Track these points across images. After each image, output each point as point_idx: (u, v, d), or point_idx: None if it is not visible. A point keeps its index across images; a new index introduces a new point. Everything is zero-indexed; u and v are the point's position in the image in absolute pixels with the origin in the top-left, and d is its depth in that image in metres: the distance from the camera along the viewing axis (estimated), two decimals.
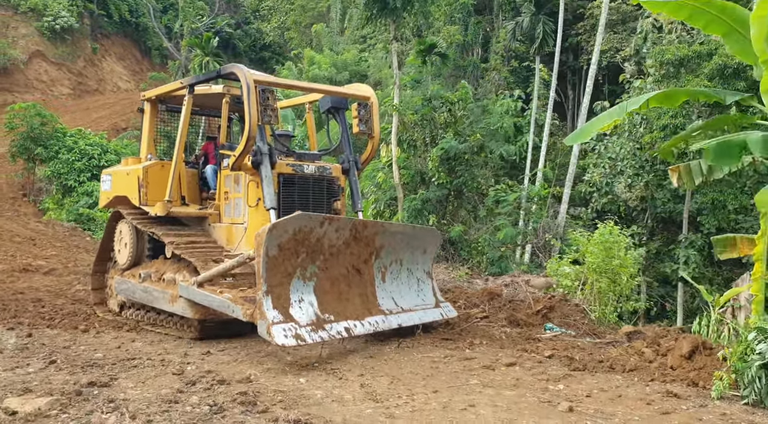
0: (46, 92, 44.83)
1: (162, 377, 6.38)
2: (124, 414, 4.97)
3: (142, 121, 11.12)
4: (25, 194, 27.69)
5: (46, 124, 27.11)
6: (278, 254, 7.15)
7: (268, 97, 8.67)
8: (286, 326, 6.96)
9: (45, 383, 6.03)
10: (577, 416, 5.35)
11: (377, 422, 5.19)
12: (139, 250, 10.39)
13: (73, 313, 10.54)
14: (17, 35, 45.43)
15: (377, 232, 8.52)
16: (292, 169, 9.15)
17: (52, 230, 22.43)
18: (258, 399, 5.56)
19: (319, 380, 6.45)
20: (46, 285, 13.50)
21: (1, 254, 17.23)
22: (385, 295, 8.66)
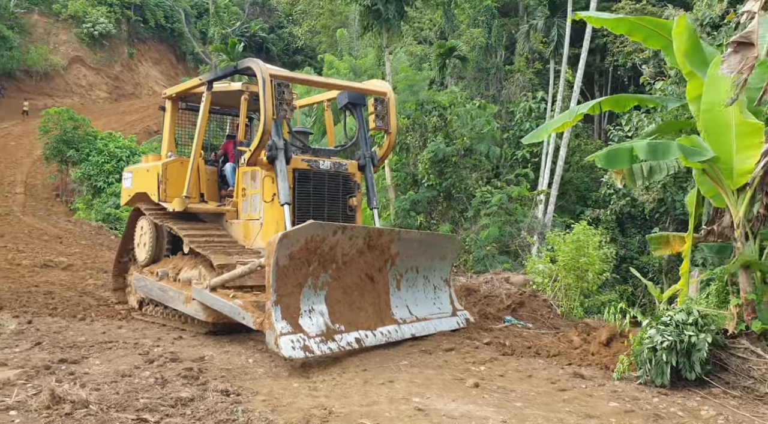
0: (85, 96, 46.71)
1: (128, 356, 7.20)
2: (77, 383, 5.77)
3: (163, 120, 11.33)
4: (58, 195, 29.12)
5: (78, 128, 28.48)
6: (289, 264, 7.08)
7: (284, 91, 8.63)
8: (295, 338, 6.87)
9: (24, 359, 6.88)
10: (479, 391, 6.00)
11: (299, 393, 5.91)
12: (158, 246, 10.53)
13: (77, 304, 11.47)
14: (58, 41, 47.43)
15: (392, 239, 8.40)
16: (308, 165, 9.15)
17: (79, 229, 23.66)
18: (201, 374, 6.33)
19: (266, 360, 7.20)
20: (61, 279, 14.50)
21: (27, 251, 18.40)
22: (399, 303, 8.57)
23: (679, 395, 6.07)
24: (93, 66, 48.02)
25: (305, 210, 8.93)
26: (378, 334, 7.86)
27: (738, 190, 6.64)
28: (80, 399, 5.27)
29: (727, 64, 6.18)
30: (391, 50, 33.98)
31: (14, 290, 12.66)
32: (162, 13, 52.77)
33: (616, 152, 7.29)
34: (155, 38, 53.74)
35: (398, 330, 8.17)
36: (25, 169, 31.86)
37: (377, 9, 19.51)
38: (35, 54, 44.86)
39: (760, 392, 5.99)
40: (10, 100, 42.33)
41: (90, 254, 19.07)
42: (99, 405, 5.20)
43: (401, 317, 8.43)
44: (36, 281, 14.04)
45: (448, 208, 17.81)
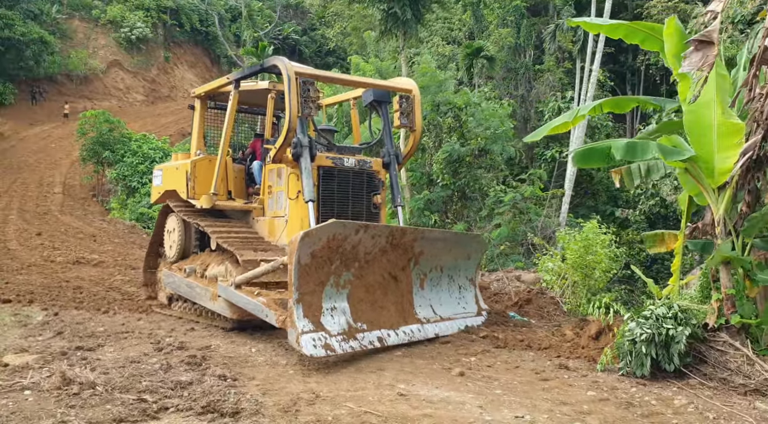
0: (122, 99, 47.97)
1: (140, 345, 7.68)
2: (87, 368, 6.25)
3: (193, 119, 11.52)
4: (94, 195, 30.07)
5: (114, 130, 29.38)
6: (311, 262, 7.09)
7: (309, 89, 8.70)
8: (316, 336, 6.89)
9: (44, 347, 7.40)
10: (463, 379, 6.32)
11: (293, 379, 6.31)
12: (186, 243, 10.70)
13: (102, 298, 12.04)
14: (97, 46, 48.80)
15: (416, 238, 8.36)
16: (332, 162, 9.17)
17: (113, 228, 24.49)
18: (204, 361, 6.76)
19: (269, 350, 7.60)
20: (91, 275, 15.16)
21: (62, 248, 19.20)
22: (422, 303, 8.56)
23: (656, 385, 6.31)
24: (130, 69, 49.29)
25: (330, 207, 9.04)
26: (401, 333, 7.85)
27: (718, 188, 6.84)
28: (88, 381, 5.74)
29: (688, 62, 6.44)
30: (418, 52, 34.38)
31: (46, 285, 13.32)
32: (197, 17, 53.86)
33: (591, 151, 7.53)
34: (190, 42, 54.87)
35: (421, 330, 8.14)
36: (65, 170, 32.94)
37: (394, 12, 19.86)
38: (75, 58, 46.29)
39: (734, 384, 6.19)
40: (51, 104, 43.73)
41: (121, 251, 19.76)
42: (105, 386, 5.66)
43: (425, 316, 8.41)
44: (67, 277, 14.71)
45: (463, 207, 18.10)
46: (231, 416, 5.15)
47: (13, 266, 16.00)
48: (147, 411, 5.17)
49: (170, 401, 5.42)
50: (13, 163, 33.11)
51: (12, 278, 14.12)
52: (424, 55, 28.57)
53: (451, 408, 5.45)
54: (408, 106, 9.94)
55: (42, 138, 37.96)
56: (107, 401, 5.35)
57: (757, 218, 6.83)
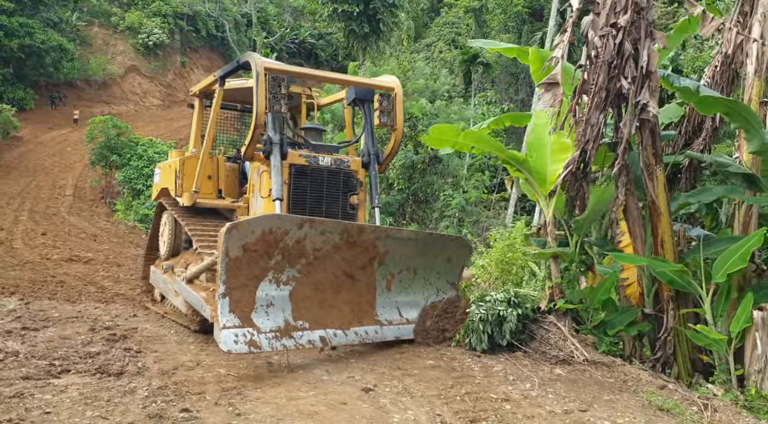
0: (139, 103, 50.02)
1: (79, 327, 9.08)
2: (20, 342, 7.70)
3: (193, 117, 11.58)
4: (103, 197, 31.84)
5: (121, 135, 31.10)
6: (242, 256, 6.97)
7: (280, 85, 8.63)
8: (240, 332, 6.85)
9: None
10: (326, 354, 7.64)
11: (187, 352, 7.68)
12: (176, 240, 10.83)
13: (78, 291, 13.57)
14: (116, 52, 50.93)
15: (378, 237, 8.08)
16: (305, 161, 9.07)
17: (114, 228, 26.17)
18: (122, 339, 8.18)
19: (185, 333, 8.99)
20: (78, 271, 16.74)
21: (62, 247, 20.87)
22: (387, 304, 8.34)
23: (489, 357, 7.57)
24: (147, 74, 51.36)
25: (301, 207, 9.01)
26: (351, 334, 7.75)
27: (548, 195, 8.10)
28: (14, 351, 7.19)
29: (543, 101, 7.72)
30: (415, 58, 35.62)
31: (33, 280, 14.90)
32: (213, 23, 55.79)
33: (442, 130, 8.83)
34: (206, 47, 56.84)
35: (378, 331, 8.01)
36: (77, 173, 34.83)
37: (352, 29, 21.18)
38: (94, 64, 48.49)
39: (549, 355, 7.45)
40: (70, 109, 45.82)
41: (116, 250, 21.35)
42: (26, 355, 7.10)
43: (387, 318, 8.23)
44: (55, 273, 16.29)
45: (417, 210, 19.40)
46: (116, 376, 6.55)
47: (10, 263, 17.65)
48: (51, 372, 6.58)
49: (75, 366, 6.83)
50: (30, 166, 35.09)
51: (5, 274, 15.73)
52: (418, 62, 29.85)
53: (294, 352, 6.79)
54: (389, 104, 9.80)
55: (59, 142, 39.99)
56: (23, 365, 6.77)
57: (580, 221, 8.09)
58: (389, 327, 8.18)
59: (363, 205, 9.68)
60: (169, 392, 6.12)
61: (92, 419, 5.37)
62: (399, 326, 8.28)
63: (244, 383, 6.52)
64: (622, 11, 7.46)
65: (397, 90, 9.93)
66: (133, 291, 13.98)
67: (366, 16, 20.80)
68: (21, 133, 39.26)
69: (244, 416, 5.61)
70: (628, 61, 7.41)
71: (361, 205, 9.60)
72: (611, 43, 7.42)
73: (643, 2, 7.51)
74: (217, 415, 5.61)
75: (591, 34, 7.55)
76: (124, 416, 5.44)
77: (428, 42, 44.41)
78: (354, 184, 9.50)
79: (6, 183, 31.28)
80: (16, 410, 5.43)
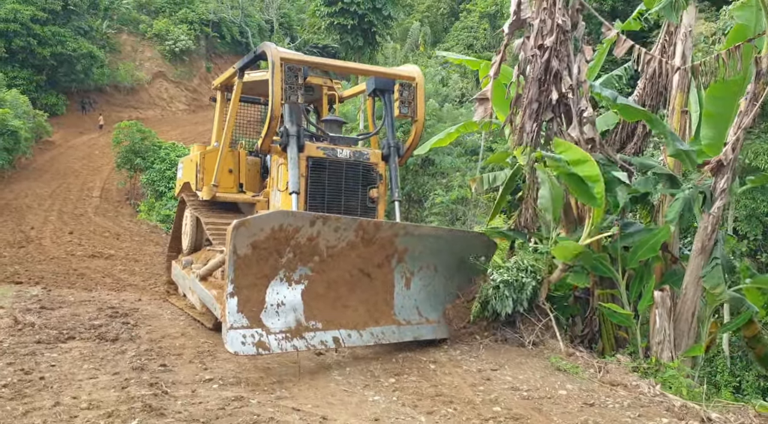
0: (165, 108, 52.04)
1: (89, 308, 10.57)
2: (36, 316, 9.21)
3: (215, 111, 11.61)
4: (128, 199, 33.66)
5: (145, 139, 32.90)
6: (251, 253, 6.82)
7: (296, 76, 8.52)
8: (249, 332, 6.72)
9: (20, 307, 10.40)
10: None
11: (176, 326, 9.11)
12: (198, 235, 10.87)
13: (95, 282, 15.18)
14: (143, 58, 53.05)
15: (396, 234, 7.88)
16: (323, 153, 8.94)
17: (137, 228, 27.92)
18: (122, 316, 9.64)
19: (179, 312, 10.43)
20: (99, 266, 18.41)
21: (86, 244, 22.63)
22: (406, 303, 8.15)
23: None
24: (173, 80, 53.42)
25: (319, 201, 8.95)
26: (366, 334, 7.56)
27: None
28: (30, 322, 8.69)
29: (477, 114, 9.04)
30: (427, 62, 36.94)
31: (56, 272, 16.60)
32: (237, 29, 57.65)
33: None
34: (231, 52, 58.67)
35: (396, 332, 7.84)
36: (104, 175, 36.75)
37: (347, 41, 22.53)
38: (123, 70, 50.65)
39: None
40: (98, 114, 47.97)
41: (136, 248, 23.05)
42: (40, 326, 8.58)
43: (406, 318, 8.05)
44: (77, 266, 17.99)
45: (410, 209, 20.70)
46: (112, 341, 7.99)
47: (38, 258, 19.41)
48: (59, 338, 8.05)
49: (79, 335, 8.30)
50: (60, 169, 37.09)
51: (32, 267, 17.45)
52: (428, 67, 31.10)
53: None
54: (409, 94, 9.67)
55: (88, 146, 42.04)
56: (37, 333, 8.25)
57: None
58: (408, 327, 7.95)
59: (383, 199, 9.50)
60: (153, 353, 7.55)
61: (88, 371, 6.80)
62: (418, 326, 8.06)
63: (217, 349, 7.91)
64: (549, 34, 8.72)
65: (418, 79, 9.75)
66: (145, 282, 15.57)
67: (361, 29, 22.07)
68: (53, 138, 41.36)
69: (210, 370, 7.00)
70: (558, 76, 8.66)
71: (381, 199, 9.42)
72: (539, 62, 8.68)
73: (567, 26, 8.75)
74: (189, 369, 7.02)
75: (522, 55, 8.83)
76: (113, 369, 6.87)
77: (447, 47, 45.60)
78: (374, 178, 9.32)
79: (38, 185, 33.25)
80: (28, 364, 6.88)
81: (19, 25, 40.98)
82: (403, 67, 10.75)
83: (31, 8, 41.78)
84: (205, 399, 5.94)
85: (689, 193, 8.26)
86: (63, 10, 44.78)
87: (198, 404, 5.80)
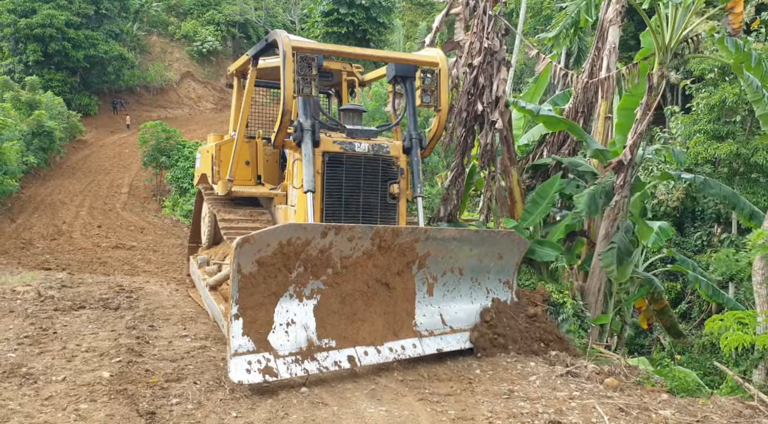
0: (193, 108, 54.50)
1: (103, 287, 12.59)
2: (57, 291, 11.24)
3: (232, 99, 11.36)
4: (154, 195, 35.97)
5: (170, 138, 35.16)
6: (257, 271, 6.41)
7: (310, 65, 8.06)
8: (254, 358, 6.31)
9: (44, 286, 12.46)
10: None
11: (173, 299, 11.06)
12: (216, 229, 10.57)
13: (114, 268, 17.27)
14: (172, 59, 55.61)
15: (417, 239, 7.43)
16: (340, 148, 8.45)
17: (161, 222, 30.14)
18: (128, 292, 11.61)
19: (178, 287, 12.39)
20: (120, 256, 20.57)
21: (112, 237, 24.87)
22: (429, 312, 7.78)
23: None
24: (201, 80, 55.89)
25: (336, 198, 8.54)
26: (385, 350, 7.17)
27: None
28: (50, 296, 10.73)
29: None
30: None
31: (82, 261, 18.79)
32: (263, 30, 59.89)
33: None
34: None
35: (417, 345, 7.45)
36: (133, 173, 39.16)
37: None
38: (153, 71, 53.30)
39: None
40: (130, 113, 50.60)
41: (157, 241, 25.19)
42: (59, 299, 10.61)
43: (428, 328, 7.68)
44: (101, 256, 20.18)
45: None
46: (114, 309, 9.98)
47: (67, 249, 21.68)
48: (72, 307, 10.06)
49: (89, 305, 10.29)
50: (92, 167, 39.62)
51: (61, 256, 19.69)
52: None
53: None
54: (432, 82, 9.08)
55: (119, 145, 44.59)
56: (55, 303, 10.27)
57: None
58: (430, 338, 7.60)
59: (404, 195, 9.00)
60: (146, 318, 9.51)
61: (91, 329, 8.77)
62: (441, 336, 7.71)
63: (200, 317, 9.84)
64: (477, 54, 10.48)
65: (441, 65, 9.08)
66: (159, 269, 17.65)
67: (355, 38, 23.68)
68: (86, 137, 44.01)
69: (188, 329, 8.94)
70: (483, 91, 10.43)
71: (402, 195, 8.91)
72: (469, 78, 10.45)
73: (496, 47, 10.51)
74: (171, 329, 8.96)
75: (454, 71, 10.60)
76: (111, 328, 8.83)
77: None
78: (394, 172, 8.78)
79: (71, 182, 35.77)
80: (46, 324, 8.87)
81: (55, 30, 43.76)
82: (425, 51, 10.05)
83: (65, 13, 44.51)
84: (177, 347, 7.88)
85: (594, 189, 9.94)
86: (95, 14, 47.49)
87: (170, 350, 7.74)
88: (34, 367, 6.83)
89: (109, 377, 6.54)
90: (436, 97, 9.06)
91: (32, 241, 23.39)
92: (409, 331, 7.48)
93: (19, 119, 32.94)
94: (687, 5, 9.36)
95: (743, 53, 9.90)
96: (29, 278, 13.19)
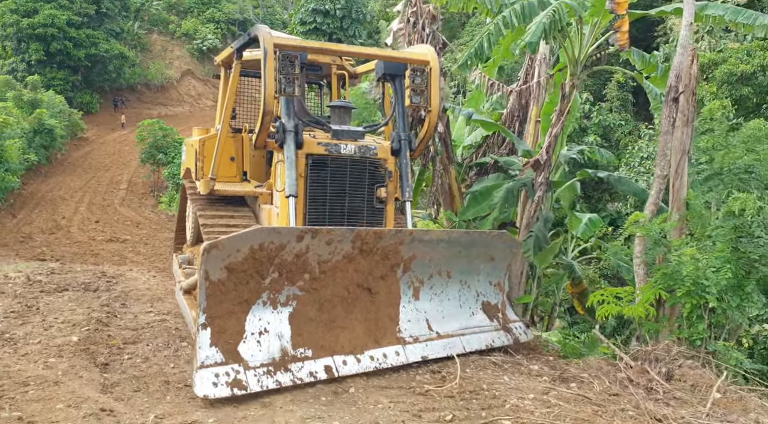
0: (194, 105, 56.14)
1: (89, 275, 14.12)
2: (44, 276, 12.78)
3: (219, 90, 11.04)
4: (152, 191, 37.61)
5: (167, 136, 36.78)
6: (227, 278, 6.19)
7: (293, 63, 7.73)
8: (222, 370, 6.06)
9: (35, 272, 14.00)
10: None
11: (149, 284, 12.59)
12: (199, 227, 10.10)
13: (103, 258, 18.82)
14: (173, 57, 57.27)
15: (402, 241, 7.23)
16: (325, 149, 8.21)
17: (156, 217, 31.77)
18: (109, 278, 13.14)
19: (160, 277, 13.92)
20: (113, 248, 22.15)
21: (107, 231, 26.49)
22: (414, 317, 7.59)
23: None
24: (201, 78, 57.57)
25: (320, 203, 8.33)
26: (365, 359, 6.90)
27: None
28: (38, 280, 12.25)
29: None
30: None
31: (75, 252, 20.39)
32: None
33: None
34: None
35: (400, 352, 7.21)
36: (132, 170, 40.85)
37: None
38: (153, 69, 55.02)
39: None
40: (131, 111, 52.34)
41: (151, 235, 26.79)
42: (45, 283, 12.12)
43: (413, 334, 7.47)
44: (95, 248, 21.77)
45: None
46: (93, 291, 11.47)
47: (64, 242, 23.30)
48: (57, 289, 11.55)
49: (72, 288, 11.76)
50: (93, 164, 41.33)
51: (57, 249, 21.30)
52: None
53: None
54: (422, 81, 8.71)
55: (119, 142, 46.30)
56: (42, 286, 11.74)
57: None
58: (414, 346, 7.36)
59: (392, 199, 8.80)
60: (119, 298, 10.98)
61: (70, 307, 10.21)
62: (426, 343, 7.47)
63: (168, 297, 11.34)
64: None
65: (432, 64, 8.73)
66: (146, 260, 19.21)
67: None
68: (87, 135, 45.74)
69: (154, 307, 10.40)
70: None
71: (390, 199, 8.70)
72: None
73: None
74: (140, 306, 10.43)
75: None
76: (88, 305, 10.28)
77: (462, 41, 48.32)
78: (382, 175, 8.56)
79: (71, 179, 37.47)
80: (31, 302, 10.31)
81: (56, 29, 45.51)
82: (416, 47, 9.86)
83: (67, 13, 46.24)
84: (140, 320, 9.37)
85: (511, 185, 11.39)
86: (96, 13, 49.20)
87: (134, 322, 9.24)
88: (16, 333, 8.32)
89: (77, 341, 8.02)
90: (426, 98, 8.75)
91: (31, 235, 25.02)
92: (392, 338, 7.26)
93: (21, 118, 34.59)
94: (593, 23, 10.77)
95: (649, 64, 11.33)
96: (23, 267, 14.73)
